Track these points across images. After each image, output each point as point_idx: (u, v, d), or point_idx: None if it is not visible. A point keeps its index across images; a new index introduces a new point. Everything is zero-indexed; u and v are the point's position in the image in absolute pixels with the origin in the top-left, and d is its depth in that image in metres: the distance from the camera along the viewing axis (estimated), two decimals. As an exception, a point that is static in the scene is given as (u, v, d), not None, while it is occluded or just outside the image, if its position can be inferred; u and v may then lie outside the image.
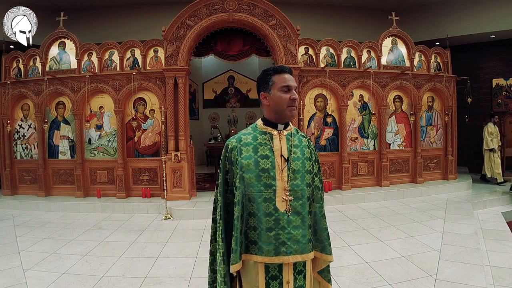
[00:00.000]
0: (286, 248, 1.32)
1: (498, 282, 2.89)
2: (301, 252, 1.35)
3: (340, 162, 6.55)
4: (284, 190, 1.35)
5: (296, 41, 6.16)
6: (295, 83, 1.41)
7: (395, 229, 4.47)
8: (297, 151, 1.43)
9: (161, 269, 3.35)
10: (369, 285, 2.90)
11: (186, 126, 6.06)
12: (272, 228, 1.33)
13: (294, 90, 1.40)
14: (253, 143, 1.40)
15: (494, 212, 5.32)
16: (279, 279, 1.35)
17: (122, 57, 6.26)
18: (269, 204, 1.34)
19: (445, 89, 7.08)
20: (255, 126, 1.47)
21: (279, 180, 1.36)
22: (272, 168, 1.37)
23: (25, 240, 4.26)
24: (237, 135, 1.46)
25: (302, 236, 1.35)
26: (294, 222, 1.34)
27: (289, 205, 1.35)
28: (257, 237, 1.35)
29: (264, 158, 1.38)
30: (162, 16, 7.73)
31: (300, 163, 1.41)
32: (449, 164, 7.17)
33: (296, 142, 1.45)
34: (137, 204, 5.76)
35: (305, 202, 1.38)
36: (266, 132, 1.43)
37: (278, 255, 1.32)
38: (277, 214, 1.34)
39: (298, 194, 1.37)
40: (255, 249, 1.35)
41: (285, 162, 1.39)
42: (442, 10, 8.38)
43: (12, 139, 6.57)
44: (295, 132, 1.49)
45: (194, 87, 11.15)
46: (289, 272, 1.35)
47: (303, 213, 1.37)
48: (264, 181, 1.35)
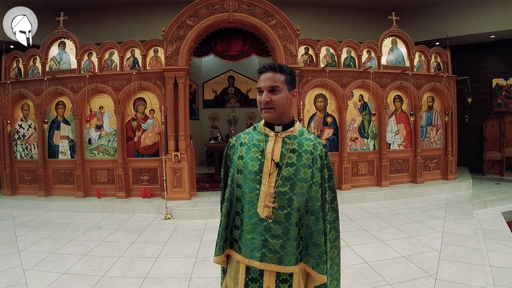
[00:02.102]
0: (260, 254, 1.27)
1: (498, 282, 2.89)
2: (278, 263, 1.27)
3: (340, 162, 6.54)
4: (269, 196, 1.28)
5: (296, 41, 6.16)
6: (273, 82, 1.30)
7: (395, 229, 4.47)
8: (293, 156, 1.32)
9: (161, 269, 3.34)
10: (369, 285, 2.90)
11: (186, 126, 6.06)
12: (250, 232, 1.31)
13: (269, 91, 1.30)
14: (248, 143, 1.39)
15: (494, 212, 5.32)
16: (259, 282, 1.30)
17: (122, 57, 6.26)
18: (251, 207, 1.31)
19: (445, 89, 7.08)
20: (257, 126, 1.45)
21: (265, 185, 1.30)
22: (259, 172, 1.31)
23: (25, 240, 4.26)
24: (239, 133, 1.47)
25: (281, 247, 1.27)
26: (274, 231, 1.28)
27: (271, 212, 1.28)
28: (238, 236, 1.36)
29: (253, 161, 1.34)
30: (162, 16, 7.73)
31: (294, 169, 1.30)
32: (449, 164, 7.17)
33: (295, 146, 1.33)
34: (137, 204, 5.75)
35: (291, 213, 1.28)
36: (263, 133, 1.39)
37: (252, 259, 1.29)
38: (256, 219, 1.30)
39: (284, 202, 1.28)
40: (236, 247, 1.36)
41: (275, 167, 1.31)
42: (442, 10, 8.38)
43: (12, 139, 6.57)
44: (299, 134, 1.37)
45: (194, 87, 11.15)
46: (270, 278, 1.29)
47: (287, 223, 1.28)
48: (250, 183, 1.32)
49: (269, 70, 1.33)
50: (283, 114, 1.35)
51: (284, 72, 1.33)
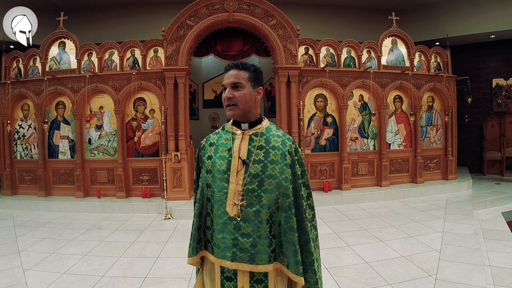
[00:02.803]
0: (231, 254, 1.27)
1: (498, 282, 2.89)
2: (250, 262, 1.26)
3: (340, 162, 6.54)
4: (237, 194, 1.28)
5: (296, 41, 6.16)
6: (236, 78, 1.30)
7: (395, 229, 4.47)
8: (260, 153, 1.31)
9: (161, 269, 3.34)
10: (369, 285, 2.90)
11: (186, 126, 6.06)
12: (220, 231, 1.30)
13: (232, 87, 1.30)
14: (216, 143, 1.40)
15: (494, 212, 5.32)
16: (233, 281, 1.30)
17: (122, 57, 6.26)
18: (220, 206, 1.31)
19: (445, 89, 7.08)
20: (225, 126, 1.45)
21: (233, 183, 1.30)
22: (227, 170, 1.31)
23: (25, 240, 4.26)
24: (209, 134, 1.49)
25: (251, 245, 1.26)
26: (244, 229, 1.27)
27: (240, 210, 1.27)
28: (210, 237, 1.36)
29: (221, 160, 1.34)
30: (162, 16, 7.73)
31: (261, 166, 1.29)
32: (449, 164, 7.17)
33: (261, 143, 1.33)
34: (137, 204, 5.75)
35: (260, 210, 1.27)
36: (231, 132, 1.39)
37: (224, 259, 1.29)
38: (225, 218, 1.29)
39: (253, 200, 1.27)
40: (210, 248, 1.36)
41: (242, 165, 1.31)
42: (442, 10, 8.38)
43: (12, 139, 6.57)
44: (266, 131, 1.37)
45: (194, 87, 11.14)
46: (244, 278, 1.29)
47: (257, 221, 1.27)
48: (219, 182, 1.32)
49: (233, 67, 1.33)
50: (247, 111, 1.34)
51: (247, 69, 1.33)
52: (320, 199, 5.95)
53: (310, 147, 6.54)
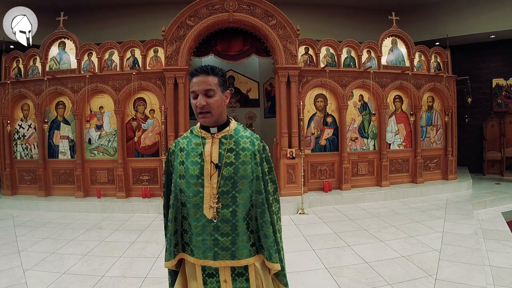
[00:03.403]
0: (213, 254, 1.33)
1: (498, 282, 2.89)
2: (232, 258, 1.34)
3: (340, 162, 6.54)
4: (212, 197, 1.32)
5: (296, 41, 6.16)
6: (207, 85, 1.29)
7: (395, 229, 4.47)
8: (231, 156, 1.35)
9: (161, 269, 3.34)
10: (369, 285, 2.90)
11: (186, 126, 6.06)
12: (200, 234, 1.35)
13: (204, 95, 1.29)
14: (186, 148, 1.40)
15: (494, 212, 5.32)
16: (215, 277, 1.37)
17: (122, 57, 6.26)
18: (197, 210, 1.34)
19: (445, 89, 7.08)
20: (193, 129, 1.45)
21: (208, 187, 1.33)
22: (201, 175, 1.34)
23: (25, 240, 4.26)
24: (178, 138, 1.48)
25: (231, 243, 1.33)
26: (222, 229, 1.33)
27: (216, 212, 1.32)
28: (189, 240, 1.40)
29: (194, 165, 1.35)
30: (162, 16, 7.72)
31: (233, 168, 1.33)
32: (449, 164, 7.17)
33: (231, 145, 1.36)
34: (137, 204, 5.75)
35: (236, 210, 1.33)
36: (200, 136, 1.40)
37: (206, 259, 1.34)
38: (204, 221, 1.33)
39: (228, 201, 1.33)
40: (189, 250, 1.40)
41: (215, 169, 1.34)
42: (442, 10, 8.38)
43: (12, 139, 6.57)
44: (235, 133, 1.40)
45: (194, 87, 11.13)
46: (226, 273, 1.36)
47: (234, 220, 1.33)
48: (193, 187, 1.34)
49: (202, 73, 1.31)
50: (219, 116, 1.36)
51: (216, 74, 1.33)
52: (320, 199, 5.95)
53: (310, 147, 6.54)
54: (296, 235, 4.37)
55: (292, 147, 6.14)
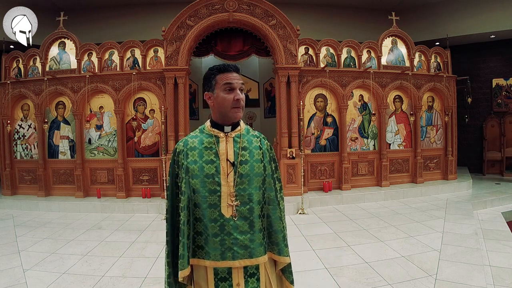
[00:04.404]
0: (232, 253, 1.31)
1: (498, 282, 2.89)
2: (250, 256, 1.33)
3: (340, 162, 6.54)
4: (230, 195, 1.33)
5: (296, 41, 6.16)
6: (240, 82, 1.36)
7: (395, 229, 4.47)
8: (246, 154, 1.38)
9: (161, 269, 3.34)
10: (369, 285, 2.90)
11: (186, 126, 6.06)
12: (218, 234, 1.31)
13: (239, 90, 1.34)
14: (198, 147, 1.38)
15: (494, 212, 5.32)
16: (228, 281, 1.33)
17: (122, 57, 6.26)
18: (214, 210, 1.32)
19: (445, 89, 7.08)
20: (203, 128, 1.43)
21: (225, 186, 1.33)
22: (217, 174, 1.34)
23: (25, 240, 4.26)
24: (185, 138, 1.44)
25: (250, 241, 1.33)
26: (241, 227, 1.32)
27: (235, 210, 1.32)
28: (203, 242, 1.34)
29: (209, 163, 1.35)
30: (162, 16, 7.73)
31: (248, 166, 1.36)
32: (449, 164, 7.17)
33: (245, 144, 1.40)
34: (137, 204, 5.75)
35: (253, 207, 1.35)
36: (213, 135, 1.39)
37: (225, 260, 1.31)
38: (222, 220, 1.32)
39: (246, 198, 1.34)
40: (203, 254, 1.35)
41: (231, 167, 1.35)
42: (442, 10, 8.38)
43: (12, 139, 6.57)
44: (246, 132, 1.43)
45: (194, 87, 11.12)
46: (239, 275, 1.33)
47: (251, 217, 1.34)
48: (209, 187, 1.33)
49: (235, 70, 1.37)
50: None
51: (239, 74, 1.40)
52: (320, 199, 5.95)
53: (310, 147, 6.54)
54: (296, 235, 4.37)
55: (292, 147, 6.14)
